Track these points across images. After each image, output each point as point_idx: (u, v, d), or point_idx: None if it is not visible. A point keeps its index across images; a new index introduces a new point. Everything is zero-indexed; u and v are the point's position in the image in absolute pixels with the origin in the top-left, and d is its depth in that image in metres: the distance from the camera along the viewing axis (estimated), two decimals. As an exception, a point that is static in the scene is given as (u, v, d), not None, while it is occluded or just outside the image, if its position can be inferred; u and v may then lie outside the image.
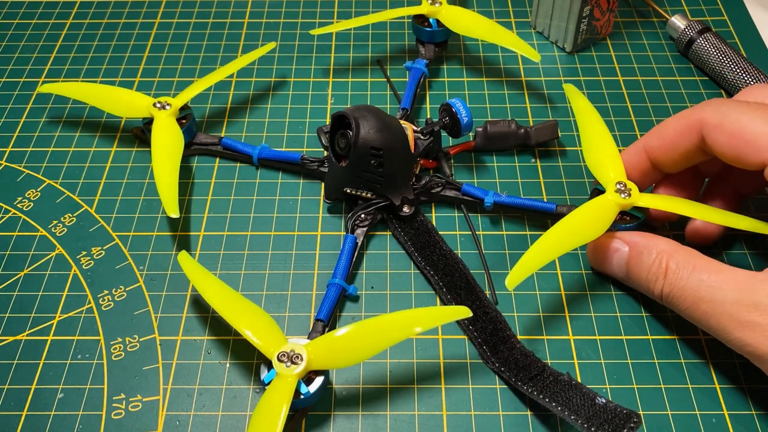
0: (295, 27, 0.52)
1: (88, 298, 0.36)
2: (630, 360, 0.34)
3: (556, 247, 0.33)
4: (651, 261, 0.32)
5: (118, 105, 0.43)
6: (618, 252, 0.34)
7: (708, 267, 0.31)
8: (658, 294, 0.32)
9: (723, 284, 0.30)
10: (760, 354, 0.29)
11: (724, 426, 0.31)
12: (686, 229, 0.37)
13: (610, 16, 0.48)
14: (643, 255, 0.33)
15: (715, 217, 0.34)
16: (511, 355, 0.33)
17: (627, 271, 0.34)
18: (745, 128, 0.31)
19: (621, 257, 0.34)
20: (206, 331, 0.35)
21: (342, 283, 0.35)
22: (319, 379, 0.31)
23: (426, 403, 0.32)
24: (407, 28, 0.51)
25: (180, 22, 0.53)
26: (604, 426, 0.28)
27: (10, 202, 0.41)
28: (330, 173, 0.39)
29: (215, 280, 0.34)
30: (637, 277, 0.33)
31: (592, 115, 0.39)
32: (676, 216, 0.36)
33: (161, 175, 0.38)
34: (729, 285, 0.29)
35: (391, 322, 0.31)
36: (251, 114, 0.46)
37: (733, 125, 0.32)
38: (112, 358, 0.34)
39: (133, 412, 0.32)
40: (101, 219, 0.40)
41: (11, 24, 0.53)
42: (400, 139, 0.37)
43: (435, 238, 0.37)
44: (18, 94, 0.47)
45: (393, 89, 0.47)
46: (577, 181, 0.41)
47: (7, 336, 0.35)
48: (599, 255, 0.35)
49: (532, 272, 0.32)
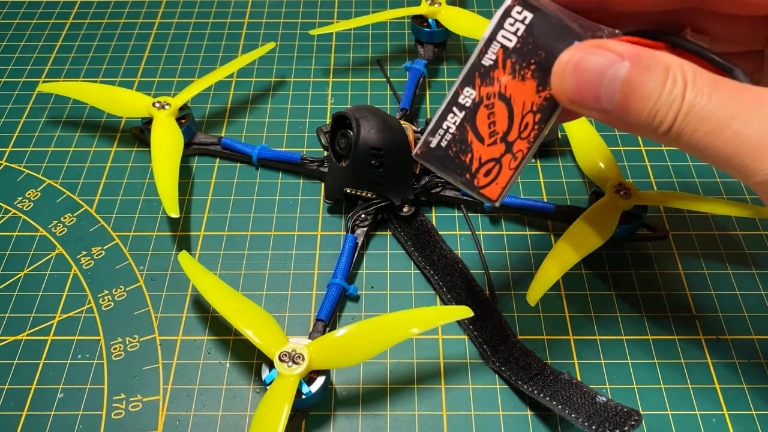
0: (295, 27, 0.52)
1: (88, 298, 0.36)
2: (630, 360, 0.34)
3: (569, 258, 0.33)
4: (664, 77, 0.22)
5: (118, 105, 0.43)
6: (612, 69, 0.22)
7: (734, 85, 0.22)
8: (669, 122, 0.23)
9: (756, 106, 0.22)
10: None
11: (724, 426, 0.32)
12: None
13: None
14: (651, 70, 0.22)
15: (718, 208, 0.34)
16: (511, 355, 0.33)
17: (624, 97, 0.23)
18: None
19: (615, 78, 0.23)
20: (206, 331, 0.35)
21: (342, 283, 0.35)
22: (320, 379, 0.31)
23: (426, 403, 0.32)
24: (407, 28, 0.51)
25: (180, 22, 0.53)
26: (604, 424, 0.28)
27: (10, 202, 0.41)
28: (330, 173, 0.39)
29: (216, 280, 0.34)
30: (641, 103, 0.23)
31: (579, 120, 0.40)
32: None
33: (161, 175, 0.38)
34: (765, 108, 0.22)
35: (391, 322, 0.31)
36: (251, 114, 0.46)
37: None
38: (112, 358, 0.34)
39: (133, 412, 0.32)
40: (101, 219, 0.40)
41: (11, 24, 0.53)
42: (401, 139, 0.37)
43: (435, 238, 0.37)
44: (18, 94, 0.47)
45: (393, 89, 0.47)
46: (577, 181, 0.41)
47: (7, 336, 0.35)
48: (580, 78, 0.23)
49: (549, 286, 0.33)
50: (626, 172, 0.42)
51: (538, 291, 0.33)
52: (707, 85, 0.22)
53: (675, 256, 0.38)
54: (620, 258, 0.38)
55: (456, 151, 0.25)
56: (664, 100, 0.22)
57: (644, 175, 0.42)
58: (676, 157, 0.43)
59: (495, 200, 0.26)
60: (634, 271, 0.37)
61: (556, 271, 0.33)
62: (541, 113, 0.25)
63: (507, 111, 0.25)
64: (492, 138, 0.25)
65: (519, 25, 0.24)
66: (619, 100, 0.23)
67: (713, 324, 0.35)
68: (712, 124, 0.22)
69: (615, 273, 0.37)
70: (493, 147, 0.25)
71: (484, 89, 0.25)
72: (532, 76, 0.24)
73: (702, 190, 0.41)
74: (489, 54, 0.24)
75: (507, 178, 0.26)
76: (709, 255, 0.38)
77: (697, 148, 0.23)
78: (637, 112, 0.23)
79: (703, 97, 0.22)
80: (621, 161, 0.42)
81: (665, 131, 0.23)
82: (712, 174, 0.42)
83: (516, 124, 0.25)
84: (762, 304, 0.36)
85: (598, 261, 0.37)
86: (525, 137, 0.25)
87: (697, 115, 0.22)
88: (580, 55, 0.23)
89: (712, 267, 0.37)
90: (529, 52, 0.24)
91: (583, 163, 0.39)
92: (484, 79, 0.24)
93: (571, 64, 0.23)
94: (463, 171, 0.26)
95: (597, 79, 0.23)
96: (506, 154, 0.26)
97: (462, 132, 0.25)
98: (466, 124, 0.25)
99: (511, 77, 0.24)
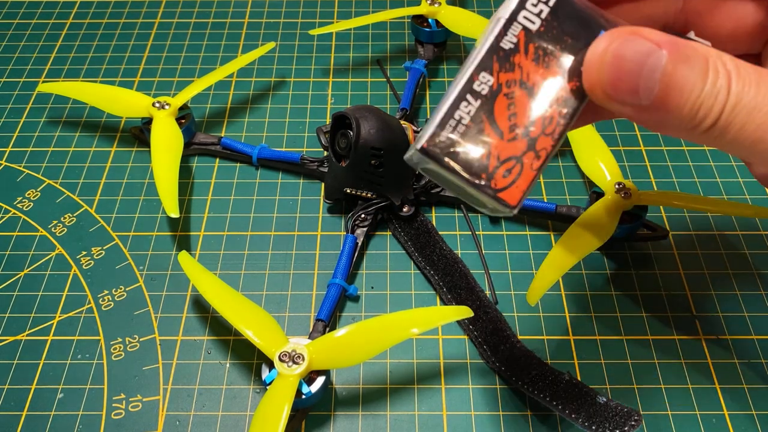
0: (295, 27, 0.52)
1: (88, 298, 0.36)
2: (630, 360, 0.34)
3: (569, 258, 0.33)
4: (705, 67, 0.20)
5: (118, 105, 0.43)
6: (652, 59, 0.20)
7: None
8: (714, 117, 0.21)
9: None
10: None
11: (724, 426, 0.32)
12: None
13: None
14: (691, 60, 0.20)
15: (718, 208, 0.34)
16: (511, 355, 0.33)
17: (664, 89, 0.20)
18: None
19: (654, 68, 0.20)
20: (206, 331, 0.35)
21: (342, 283, 0.35)
22: (320, 379, 0.31)
23: (426, 403, 0.32)
24: (407, 28, 0.51)
25: (180, 22, 0.53)
26: (604, 424, 0.28)
27: (10, 202, 0.41)
28: (330, 173, 0.39)
29: (216, 280, 0.34)
30: (683, 96, 0.21)
31: None
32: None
33: (161, 175, 0.38)
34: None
35: (391, 322, 0.31)
36: (251, 114, 0.46)
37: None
38: (112, 358, 0.34)
39: (133, 412, 0.32)
40: (101, 219, 0.40)
41: (11, 24, 0.53)
42: (401, 139, 0.37)
43: (435, 238, 0.37)
44: (18, 94, 0.47)
45: (393, 89, 0.47)
46: (577, 181, 0.41)
47: (7, 336, 0.35)
48: (620, 68, 0.21)
49: (549, 286, 0.33)
50: (626, 172, 0.42)
51: (538, 291, 0.33)
52: (752, 75, 0.20)
53: (675, 256, 0.38)
54: (620, 258, 0.38)
55: (470, 147, 0.22)
56: (708, 93, 0.20)
57: (644, 175, 0.42)
58: (676, 157, 0.43)
59: (515, 206, 0.22)
60: (634, 271, 0.37)
61: (556, 271, 0.33)
62: (567, 107, 0.22)
63: (530, 102, 0.22)
64: (512, 132, 0.22)
65: (542, 6, 0.21)
66: (659, 93, 0.20)
67: (713, 324, 0.35)
68: (763, 116, 0.20)
69: (615, 273, 0.37)
70: (513, 143, 0.22)
71: (503, 75, 0.21)
72: (558, 64, 0.22)
73: (702, 190, 0.41)
74: (509, 36, 0.21)
75: (529, 180, 0.22)
76: (709, 255, 0.38)
77: (745, 143, 0.21)
78: (678, 106, 0.21)
79: (751, 88, 0.20)
80: (621, 161, 0.42)
81: (708, 127, 0.21)
82: (712, 174, 0.42)
83: (540, 118, 0.22)
84: (762, 304, 0.36)
85: (598, 261, 0.37)
86: (549, 133, 0.22)
87: (747, 107, 0.20)
88: (619, 42, 0.20)
89: (712, 267, 0.37)
90: (554, 38, 0.21)
91: (583, 163, 0.39)
92: (503, 63, 0.21)
93: (610, 51, 0.21)
94: (479, 170, 0.22)
95: (637, 69, 0.20)
96: (528, 152, 0.22)
97: (478, 124, 0.21)
98: (482, 115, 0.21)
99: (534, 64, 0.22)
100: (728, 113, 0.20)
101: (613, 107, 0.22)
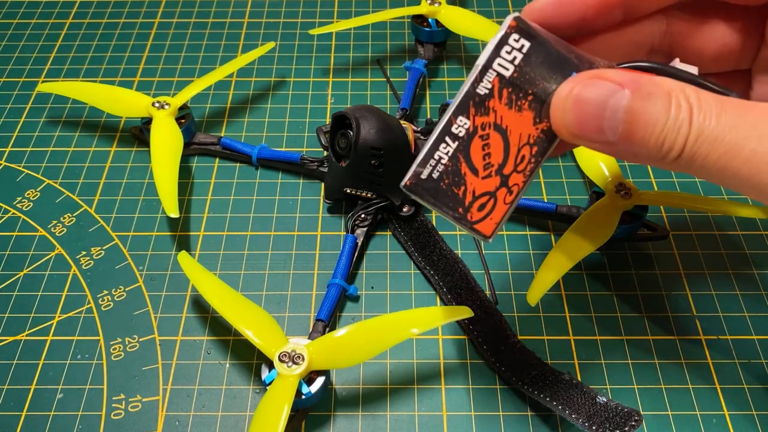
0: (295, 27, 0.52)
1: (87, 298, 0.36)
2: (630, 360, 0.34)
3: (569, 258, 0.33)
4: (668, 102, 0.22)
5: (118, 105, 0.43)
6: (614, 99, 0.22)
7: (740, 103, 0.22)
8: (678, 149, 0.22)
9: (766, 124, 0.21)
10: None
11: (724, 426, 0.31)
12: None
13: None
14: (653, 96, 0.22)
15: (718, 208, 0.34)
16: (511, 355, 0.33)
17: (628, 127, 0.22)
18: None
19: (617, 108, 0.22)
20: (206, 331, 0.35)
21: (342, 283, 0.35)
22: (320, 380, 0.31)
23: (426, 404, 0.32)
24: (407, 28, 0.51)
25: (180, 22, 0.52)
26: (605, 424, 0.28)
27: (10, 202, 0.41)
28: (330, 173, 0.39)
29: (215, 280, 0.34)
30: (647, 132, 0.22)
31: None
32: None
33: (161, 175, 0.38)
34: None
35: (391, 323, 0.31)
36: (251, 114, 0.46)
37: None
38: (112, 358, 0.34)
39: (133, 413, 0.32)
40: (101, 219, 0.40)
41: (11, 24, 0.53)
42: (401, 139, 0.37)
43: (435, 238, 0.37)
44: (17, 93, 0.47)
45: (393, 89, 0.47)
46: (577, 181, 0.41)
47: (7, 336, 0.35)
48: (582, 111, 0.22)
49: (549, 286, 0.33)
50: (626, 172, 0.42)
51: (538, 291, 0.33)
52: (714, 106, 0.21)
53: (675, 256, 0.38)
54: (620, 258, 0.38)
55: (449, 184, 0.24)
56: (670, 127, 0.21)
57: (644, 175, 0.42)
58: (676, 157, 0.42)
59: (489, 236, 0.25)
60: (635, 271, 0.37)
61: (557, 271, 0.33)
62: (538, 146, 0.24)
63: (503, 143, 0.24)
64: (487, 170, 0.24)
65: (516, 53, 0.23)
66: (624, 130, 0.22)
67: (713, 324, 0.35)
68: (725, 145, 0.21)
69: (615, 273, 0.37)
70: (487, 180, 0.24)
71: (479, 119, 0.23)
72: (529, 107, 0.23)
73: (702, 190, 0.41)
74: (484, 82, 0.23)
75: (502, 213, 0.25)
76: (709, 255, 0.38)
77: (711, 171, 0.22)
78: (643, 141, 0.22)
79: (712, 119, 0.21)
80: (621, 161, 0.42)
81: (674, 158, 0.22)
82: (712, 174, 0.42)
83: (512, 157, 0.24)
84: (762, 304, 0.36)
85: (599, 261, 0.37)
86: (521, 170, 0.24)
87: (709, 138, 0.21)
88: (580, 87, 0.22)
89: (712, 267, 0.37)
90: (527, 82, 0.23)
91: (583, 163, 0.39)
92: (479, 108, 0.23)
93: (571, 97, 0.22)
94: (456, 205, 0.24)
95: (599, 111, 0.22)
96: (501, 188, 0.24)
97: (455, 163, 0.24)
98: (459, 155, 0.24)
99: (507, 107, 0.23)
100: (691, 144, 0.21)
101: (583, 144, 0.23)
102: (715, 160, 0.21)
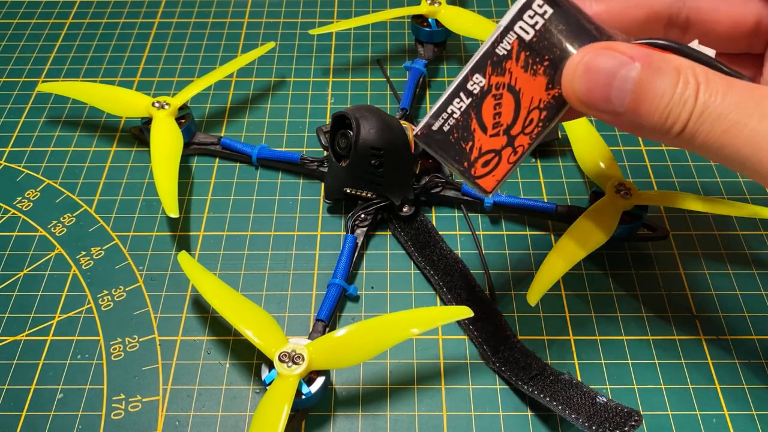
0: (295, 27, 0.52)
1: (87, 298, 0.36)
2: (630, 360, 0.34)
3: (569, 258, 0.33)
4: (676, 78, 0.22)
5: (118, 105, 0.43)
6: (623, 70, 0.23)
7: (747, 85, 0.22)
8: (682, 123, 0.22)
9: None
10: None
11: (724, 426, 0.31)
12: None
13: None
14: (662, 71, 0.23)
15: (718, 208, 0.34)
16: (511, 355, 0.33)
17: (635, 98, 0.23)
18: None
19: (626, 79, 0.23)
20: (206, 331, 0.35)
21: (342, 283, 0.35)
22: (320, 380, 0.31)
23: (426, 403, 0.32)
24: (407, 28, 0.51)
25: (180, 22, 0.52)
26: (605, 424, 0.28)
27: (10, 202, 0.41)
28: (330, 173, 0.39)
29: (215, 280, 0.34)
30: (653, 105, 0.23)
31: (579, 120, 0.40)
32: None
33: (161, 175, 0.38)
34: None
35: (391, 323, 0.31)
36: (251, 114, 0.46)
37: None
38: (112, 358, 0.34)
39: (133, 413, 0.32)
40: (101, 219, 0.40)
41: (11, 24, 0.53)
42: (401, 139, 0.37)
43: (435, 238, 0.37)
44: (17, 93, 0.47)
45: (393, 89, 0.47)
46: (577, 181, 0.41)
47: (7, 336, 0.35)
48: (591, 79, 0.23)
49: (549, 286, 0.33)
50: (626, 172, 0.42)
51: (538, 291, 0.33)
52: (720, 85, 0.22)
53: (675, 256, 0.38)
54: (620, 258, 0.38)
55: (457, 138, 0.25)
56: (676, 101, 0.22)
57: (644, 175, 0.42)
58: (676, 157, 0.43)
59: (489, 192, 0.26)
60: (635, 271, 0.37)
61: (557, 271, 0.33)
62: (548, 111, 0.25)
63: (514, 104, 0.25)
64: (495, 129, 0.25)
65: (538, 18, 0.23)
66: (631, 101, 0.23)
67: (713, 324, 0.35)
68: (728, 123, 0.22)
69: (615, 273, 0.37)
70: (495, 138, 0.25)
71: (494, 78, 0.24)
72: (544, 72, 0.24)
73: (702, 190, 0.41)
74: (504, 43, 0.24)
75: (504, 171, 0.26)
76: (709, 255, 0.38)
77: (712, 148, 0.22)
78: (649, 113, 0.23)
79: (717, 97, 0.22)
80: (621, 161, 0.42)
81: (678, 132, 0.23)
82: (712, 174, 0.42)
83: (521, 119, 0.25)
84: (762, 304, 0.36)
85: (599, 261, 0.37)
86: (528, 133, 0.25)
87: (712, 114, 0.22)
88: (591, 56, 0.23)
89: (712, 267, 0.37)
90: (545, 48, 0.24)
91: (583, 163, 0.39)
92: (495, 68, 0.24)
93: (582, 64, 0.23)
94: (462, 159, 0.25)
95: (608, 80, 0.23)
96: (507, 147, 0.25)
97: (466, 119, 0.25)
98: (471, 111, 0.25)
99: (523, 70, 0.24)
100: (695, 120, 0.22)
101: (590, 113, 0.24)
102: (717, 136, 0.22)
